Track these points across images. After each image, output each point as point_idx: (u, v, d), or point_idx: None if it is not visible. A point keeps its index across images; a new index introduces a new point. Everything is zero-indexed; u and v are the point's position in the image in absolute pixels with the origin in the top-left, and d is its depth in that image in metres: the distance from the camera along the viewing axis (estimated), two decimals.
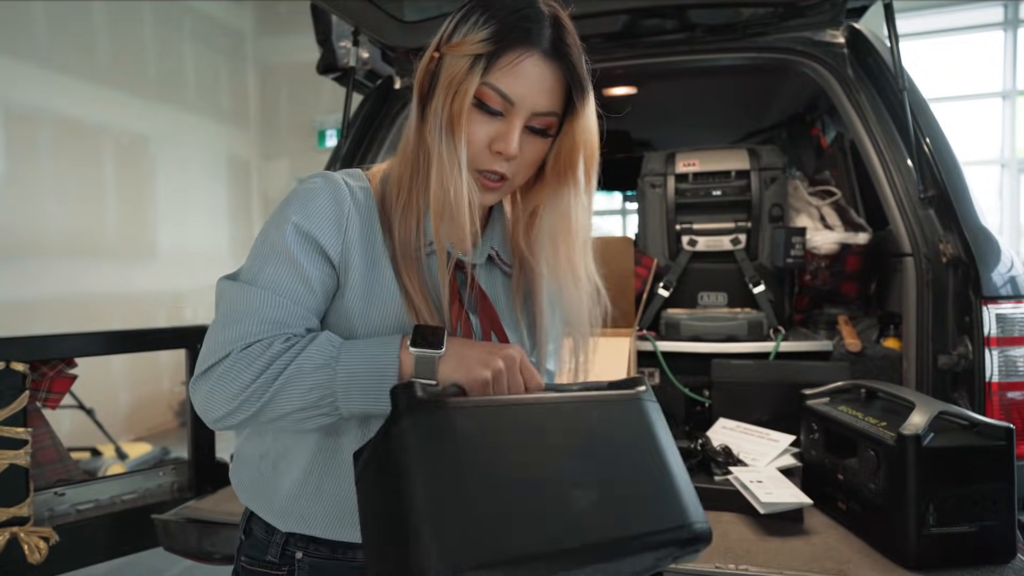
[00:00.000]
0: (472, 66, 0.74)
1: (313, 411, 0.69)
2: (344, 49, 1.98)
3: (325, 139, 6.51)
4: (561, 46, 0.75)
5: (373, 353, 0.70)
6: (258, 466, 0.84)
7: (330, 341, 0.71)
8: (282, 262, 0.74)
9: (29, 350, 1.38)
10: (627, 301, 1.65)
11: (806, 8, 1.78)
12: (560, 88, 0.77)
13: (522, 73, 0.74)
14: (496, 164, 0.77)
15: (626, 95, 2.59)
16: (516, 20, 0.74)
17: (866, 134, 1.67)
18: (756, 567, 1.02)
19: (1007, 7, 5.67)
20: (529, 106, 0.75)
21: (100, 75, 4.86)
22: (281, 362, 0.69)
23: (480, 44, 0.74)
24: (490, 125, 0.76)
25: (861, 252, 1.89)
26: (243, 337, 0.70)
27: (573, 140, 0.79)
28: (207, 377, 0.71)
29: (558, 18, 0.77)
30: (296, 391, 0.68)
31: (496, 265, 0.90)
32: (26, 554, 1.31)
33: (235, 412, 0.70)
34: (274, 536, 0.83)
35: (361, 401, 0.69)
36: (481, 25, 0.75)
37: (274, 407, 0.69)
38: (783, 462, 1.38)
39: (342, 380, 0.68)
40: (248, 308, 0.72)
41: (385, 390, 0.65)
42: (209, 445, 1.67)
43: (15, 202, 4.22)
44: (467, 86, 0.74)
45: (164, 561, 2.73)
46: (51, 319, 4.23)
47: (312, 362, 0.69)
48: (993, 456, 1.04)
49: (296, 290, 0.74)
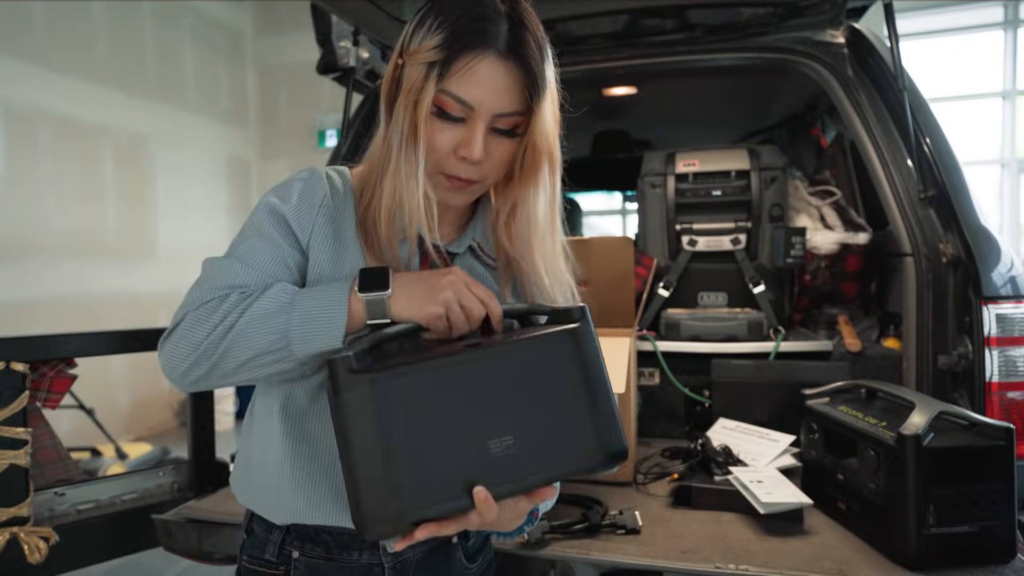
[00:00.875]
0: (427, 75, 0.73)
1: (269, 356, 0.70)
2: (344, 49, 1.97)
3: (325, 139, 6.51)
4: (517, 44, 0.73)
5: (325, 297, 0.71)
6: (248, 464, 0.86)
7: (284, 289, 0.73)
8: (254, 236, 0.78)
9: (29, 350, 1.38)
10: (627, 301, 1.65)
11: (806, 8, 1.78)
12: (522, 87, 0.75)
13: (478, 77, 0.73)
14: (463, 170, 0.77)
15: (626, 95, 2.59)
16: (467, 22, 0.73)
17: (866, 134, 1.67)
18: (756, 567, 1.02)
19: (1007, 7, 5.67)
20: (489, 109, 0.74)
21: (100, 75, 4.85)
22: (236, 312, 0.71)
23: (433, 51, 0.73)
24: (453, 131, 0.75)
25: (861, 252, 1.89)
26: (201, 297, 0.73)
27: (533, 141, 0.77)
28: (169, 338, 0.73)
29: (515, 15, 0.75)
30: (251, 337, 0.70)
31: (479, 258, 0.90)
32: (26, 554, 1.31)
33: (194, 366, 0.71)
34: (272, 534, 0.84)
35: (313, 343, 0.70)
36: (434, 31, 0.73)
37: (231, 356, 0.70)
38: (783, 462, 1.38)
39: (296, 323, 0.69)
40: (212, 273, 0.76)
41: (337, 333, 0.69)
42: (209, 445, 1.67)
43: (15, 202, 4.22)
44: (424, 95, 0.73)
45: (164, 561, 2.74)
46: (51, 319, 4.23)
47: (266, 308, 0.70)
48: (993, 456, 1.04)
49: (264, 261, 0.76)
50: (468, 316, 0.71)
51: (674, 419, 1.82)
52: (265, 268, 0.76)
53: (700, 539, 1.14)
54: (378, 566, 0.83)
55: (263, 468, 0.83)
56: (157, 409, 5.29)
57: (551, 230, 0.84)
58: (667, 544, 1.11)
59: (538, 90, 0.75)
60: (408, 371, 0.64)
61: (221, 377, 0.72)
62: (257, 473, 0.84)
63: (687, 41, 1.96)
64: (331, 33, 1.96)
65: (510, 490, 0.66)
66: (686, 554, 1.07)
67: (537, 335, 0.71)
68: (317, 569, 0.83)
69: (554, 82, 0.79)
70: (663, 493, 1.37)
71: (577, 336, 0.72)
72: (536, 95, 0.75)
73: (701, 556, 1.06)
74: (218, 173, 6.25)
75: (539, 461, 0.67)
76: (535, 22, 0.76)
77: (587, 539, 1.13)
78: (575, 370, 0.71)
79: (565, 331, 0.72)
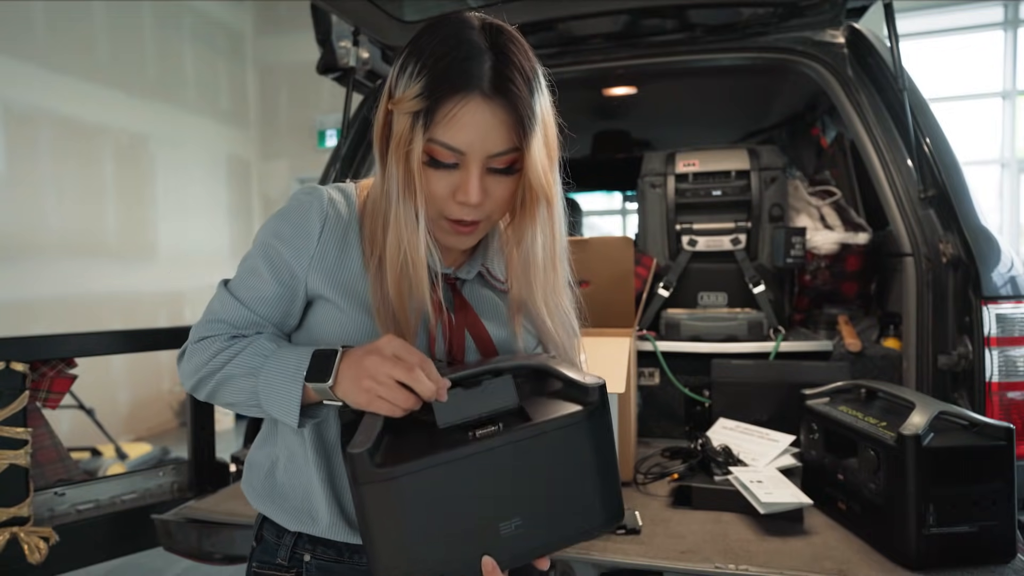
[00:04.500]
0: (413, 125, 0.71)
1: (245, 408, 0.79)
2: (344, 49, 1.97)
3: (325, 139, 6.50)
4: (502, 82, 0.70)
5: (285, 374, 0.74)
6: (271, 472, 0.87)
7: (259, 351, 0.77)
8: (250, 274, 0.81)
9: (29, 350, 1.38)
10: (627, 301, 1.65)
11: (806, 8, 1.78)
12: (512, 123, 0.71)
13: (464, 122, 0.70)
14: (464, 213, 0.74)
15: (626, 95, 2.59)
16: (447, 66, 0.69)
17: (866, 134, 1.67)
18: (756, 567, 1.02)
19: (1007, 7, 5.67)
20: (481, 152, 0.71)
21: (100, 75, 4.85)
22: (218, 360, 0.78)
23: (415, 101, 0.70)
24: (449, 177, 0.73)
25: (861, 252, 1.89)
26: (201, 331, 0.82)
27: (527, 180, 0.74)
28: (181, 357, 0.85)
29: (496, 48, 0.71)
30: (230, 390, 0.79)
31: (488, 283, 0.89)
32: (26, 554, 1.31)
33: (196, 388, 0.82)
34: (283, 538, 0.85)
35: (277, 414, 0.75)
36: (415, 78, 0.71)
37: (220, 397, 0.81)
38: (783, 462, 1.38)
39: (262, 390, 0.75)
40: (212, 308, 0.83)
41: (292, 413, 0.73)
42: (209, 445, 1.67)
43: (15, 202, 4.22)
44: (413, 147, 0.71)
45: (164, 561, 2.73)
46: (51, 319, 4.23)
47: (240, 369, 0.77)
48: (993, 456, 1.04)
49: (254, 300, 0.80)
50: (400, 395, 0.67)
51: (674, 419, 1.82)
52: (255, 308, 0.80)
53: (700, 539, 1.14)
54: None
55: (290, 477, 0.84)
56: (157, 409, 5.29)
57: (552, 268, 0.81)
58: (667, 544, 1.11)
59: (527, 127, 0.71)
60: (423, 467, 0.66)
61: (222, 404, 0.82)
62: (283, 481, 0.85)
63: (687, 41, 1.96)
64: (331, 33, 1.96)
65: (516, 562, 0.70)
66: (686, 554, 1.07)
67: (553, 422, 0.69)
68: (330, 570, 0.84)
69: (548, 112, 0.76)
70: (663, 493, 1.37)
71: (594, 423, 0.71)
72: (526, 133, 0.72)
73: (701, 556, 1.06)
74: (218, 173, 6.25)
75: (544, 534, 0.70)
76: (521, 51, 0.73)
77: None
78: (588, 454, 0.71)
79: (582, 420, 0.70)
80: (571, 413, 0.70)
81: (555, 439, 0.69)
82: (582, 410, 0.70)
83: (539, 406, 0.72)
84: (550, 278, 0.82)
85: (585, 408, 0.70)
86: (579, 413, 0.70)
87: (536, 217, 0.78)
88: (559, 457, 0.69)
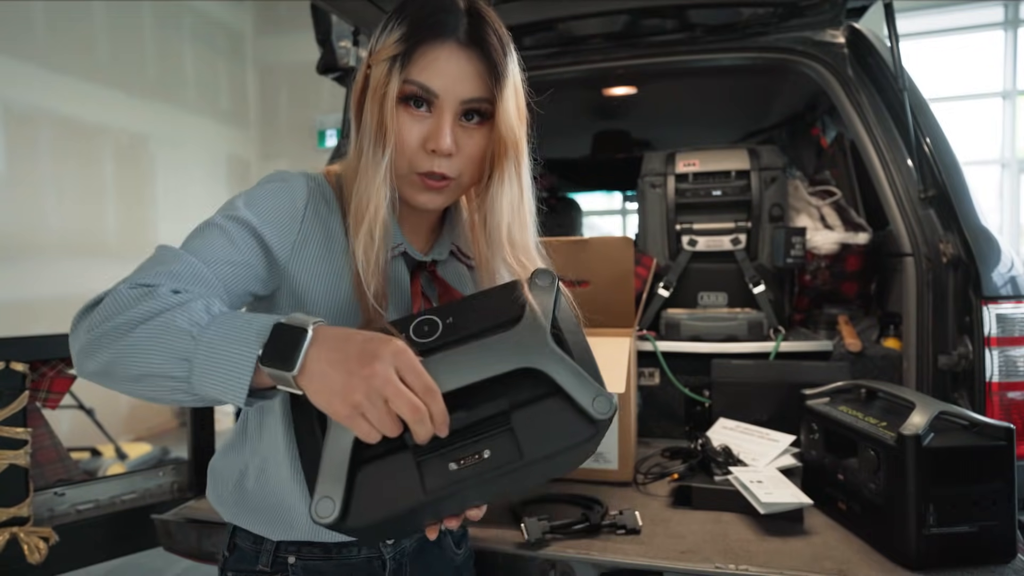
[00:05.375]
0: (390, 68, 0.73)
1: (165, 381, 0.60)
2: (344, 49, 1.98)
3: (325, 139, 6.51)
4: (476, 33, 0.74)
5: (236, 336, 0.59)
6: (239, 482, 0.83)
7: (207, 307, 0.62)
8: (215, 235, 0.71)
9: (29, 350, 1.38)
10: (627, 301, 1.64)
11: (806, 8, 1.78)
12: (485, 75, 0.74)
13: (439, 64, 0.73)
14: (435, 163, 0.74)
15: (626, 95, 2.59)
16: (426, 15, 0.74)
17: (866, 134, 1.67)
18: (756, 567, 1.02)
19: (1007, 7, 5.67)
20: (453, 96, 0.73)
21: (100, 75, 4.85)
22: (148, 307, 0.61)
23: (395, 45, 0.73)
24: (421, 124, 0.74)
25: (861, 252, 1.89)
26: (135, 277, 0.65)
27: (499, 131, 0.76)
28: (88, 308, 0.65)
29: (473, 7, 0.76)
30: (150, 352, 0.59)
31: (460, 260, 0.90)
32: (26, 554, 1.31)
33: (92, 346, 0.61)
34: (264, 544, 0.82)
35: (214, 389, 0.59)
36: (395, 28, 0.75)
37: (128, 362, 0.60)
38: (783, 462, 1.38)
39: (201, 357, 0.59)
40: (155, 260, 0.68)
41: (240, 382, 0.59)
42: (209, 445, 1.67)
43: (15, 202, 4.22)
44: (389, 88, 0.73)
45: (164, 561, 2.74)
46: (51, 319, 4.22)
47: (177, 324, 0.60)
48: (993, 456, 1.04)
49: (214, 258, 0.69)
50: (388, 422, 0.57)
51: (674, 419, 1.82)
52: (217, 268, 0.69)
53: (700, 539, 1.14)
54: (378, 559, 0.84)
55: (264, 486, 0.81)
56: (157, 409, 5.29)
57: (521, 227, 0.81)
58: (667, 544, 1.11)
59: (500, 78, 0.74)
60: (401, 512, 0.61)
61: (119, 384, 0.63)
62: (255, 491, 0.81)
63: (687, 41, 1.96)
64: (331, 33, 1.97)
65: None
66: (686, 554, 1.07)
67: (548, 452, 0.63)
68: (317, 570, 0.82)
69: (519, 79, 0.78)
70: (663, 493, 1.37)
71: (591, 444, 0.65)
72: (498, 82, 0.74)
73: (701, 556, 1.06)
74: (218, 173, 6.25)
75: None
76: (495, 19, 0.77)
77: (587, 539, 1.13)
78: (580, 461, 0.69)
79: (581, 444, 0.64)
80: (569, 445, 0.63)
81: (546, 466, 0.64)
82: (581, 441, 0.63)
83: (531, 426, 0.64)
84: (517, 237, 0.81)
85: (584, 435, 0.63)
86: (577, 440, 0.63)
87: (504, 171, 0.78)
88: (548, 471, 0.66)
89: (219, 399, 0.60)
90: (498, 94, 0.74)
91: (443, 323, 0.69)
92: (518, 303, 0.69)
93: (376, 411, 0.56)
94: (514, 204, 0.80)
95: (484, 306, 0.71)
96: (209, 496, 0.87)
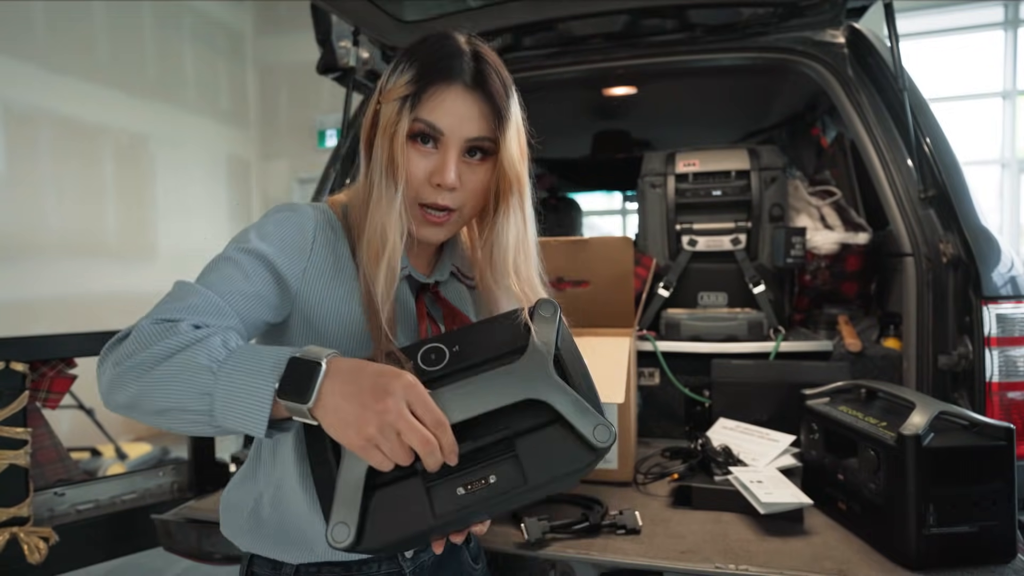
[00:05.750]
0: (401, 108, 0.78)
1: (188, 415, 0.64)
2: (344, 49, 1.97)
3: (325, 139, 6.51)
4: (480, 78, 0.79)
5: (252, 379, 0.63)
6: (255, 511, 0.84)
7: (224, 342, 0.65)
8: (227, 267, 0.74)
9: (29, 350, 1.38)
10: (627, 301, 1.64)
11: (806, 8, 1.78)
12: (489, 116, 0.80)
13: (446, 105, 0.78)
14: (439, 197, 0.79)
15: (626, 95, 2.59)
16: (435, 59, 0.79)
17: (866, 134, 1.67)
18: (756, 567, 1.02)
19: (1007, 7, 5.67)
20: (459, 135, 0.79)
21: (100, 75, 4.85)
22: (171, 343, 0.64)
23: (406, 86, 0.78)
24: (428, 159, 0.79)
25: (861, 252, 1.89)
26: (157, 312, 0.68)
27: (502, 169, 0.81)
28: (113, 346, 0.67)
29: (478, 52, 0.81)
30: (173, 387, 0.63)
31: (461, 281, 0.94)
32: (26, 554, 1.31)
33: (119, 381, 0.64)
34: (283, 569, 0.83)
35: (234, 422, 0.63)
36: (406, 70, 0.79)
37: (153, 397, 0.63)
38: (783, 462, 1.38)
39: (221, 392, 0.62)
40: (173, 296, 0.71)
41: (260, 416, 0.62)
42: (209, 445, 1.67)
43: (15, 202, 4.22)
44: (400, 126, 0.78)
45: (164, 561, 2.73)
46: (51, 319, 4.22)
47: (197, 361, 0.63)
48: (993, 456, 1.04)
49: (229, 291, 0.72)
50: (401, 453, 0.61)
51: (674, 419, 1.82)
52: (232, 301, 0.72)
53: (700, 539, 1.14)
54: (398, 574, 0.85)
55: (279, 512, 0.82)
56: None
57: (525, 258, 0.85)
58: (667, 544, 1.11)
59: (503, 120, 0.79)
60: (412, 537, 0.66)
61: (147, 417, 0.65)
62: (271, 518, 0.82)
63: (687, 41, 1.96)
64: (331, 33, 1.96)
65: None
66: (686, 554, 1.07)
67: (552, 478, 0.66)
68: None
69: (520, 119, 0.83)
70: (663, 493, 1.37)
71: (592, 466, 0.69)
72: (501, 123, 0.79)
73: (701, 556, 1.06)
74: (218, 173, 6.25)
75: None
76: (498, 63, 0.82)
77: (587, 539, 1.13)
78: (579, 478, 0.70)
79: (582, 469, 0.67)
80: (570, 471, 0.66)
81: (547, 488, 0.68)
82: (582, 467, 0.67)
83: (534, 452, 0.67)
84: (522, 267, 0.85)
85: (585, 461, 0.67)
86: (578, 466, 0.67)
87: (509, 206, 0.83)
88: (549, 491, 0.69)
89: (240, 430, 0.63)
90: (501, 134, 0.80)
91: (449, 351, 0.72)
92: (522, 333, 0.72)
93: (389, 443, 0.61)
94: (519, 236, 0.85)
95: (489, 335, 0.75)
96: (225, 530, 0.87)
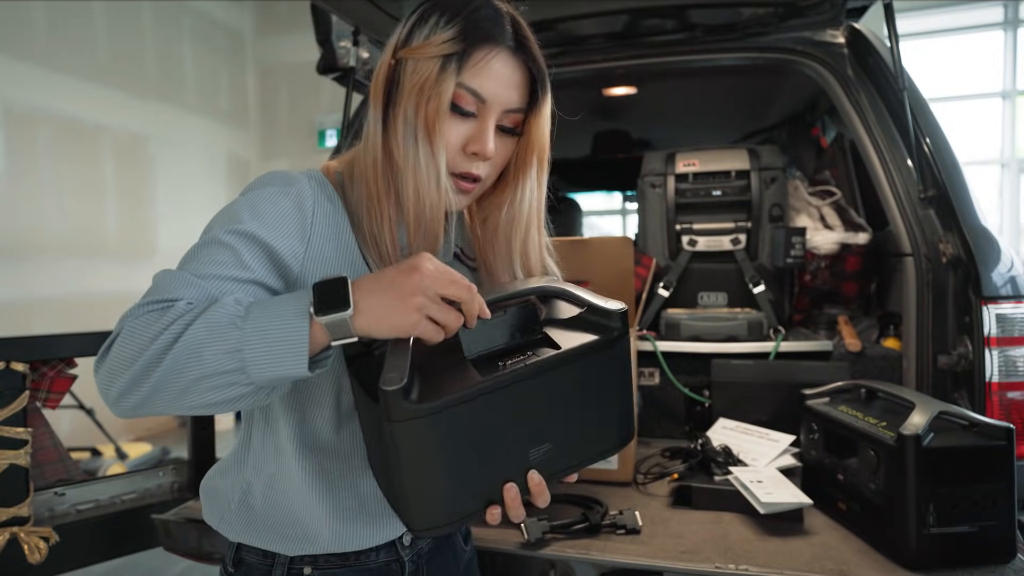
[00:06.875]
0: (443, 67, 0.71)
1: (219, 379, 0.59)
2: (344, 49, 1.97)
3: (325, 139, 6.51)
4: (523, 41, 0.75)
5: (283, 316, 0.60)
6: (244, 500, 0.81)
7: (236, 300, 0.61)
8: (223, 254, 0.67)
9: (29, 350, 1.38)
10: (627, 301, 1.64)
11: (806, 8, 1.78)
12: (526, 84, 0.77)
13: (493, 71, 0.73)
14: (472, 166, 0.76)
15: (626, 95, 2.59)
16: (479, 18, 0.73)
17: (866, 134, 1.67)
18: (756, 567, 1.02)
19: (1007, 7, 5.67)
20: (500, 104, 0.75)
21: (100, 75, 4.85)
22: (182, 321, 0.59)
23: (448, 44, 0.71)
24: (464, 126, 0.74)
25: (861, 252, 1.89)
26: (142, 305, 0.62)
27: (531, 138, 0.78)
28: (106, 351, 0.62)
29: (514, 15, 0.77)
30: (199, 353, 0.58)
31: (463, 262, 0.91)
32: (26, 554, 1.31)
33: (134, 384, 0.59)
34: (276, 558, 0.81)
35: (273, 370, 0.59)
36: (444, 25, 0.72)
37: (176, 375, 0.58)
38: (783, 462, 1.38)
39: (251, 343, 0.58)
40: (159, 284, 0.65)
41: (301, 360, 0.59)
42: (209, 445, 1.67)
43: (15, 202, 4.22)
44: (441, 88, 0.71)
45: (164, 561, 2.74)
46: (51, 319, 4.23)
47: (216, 320, 0.59)
48: (993, 456, 1.04)
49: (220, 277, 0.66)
50: (450, 314, 0.62)
51: (674, 419, 1.82)
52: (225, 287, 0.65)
53: (700, 539, 1.14)
54: (396, 562, 0.84)
55: (273, 504, 0.79)
56: None
57: (537, 228, 0.84)
58: (667, 544, 1.11)
59: (545, 84, 0.77)
60: (460, 401, 0.63)
61: (165, 403, 0.60)
62: (264, 509, 0.80)
63: (687, 41, 1.96)
64: (331, 33, 1.96)
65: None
66: (686, 554, 1.07)
67: (581, 349, 0.69)
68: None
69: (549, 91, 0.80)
70: (663, 493, 1.37)
71: (619, 349, 0.72)
72: (543, 89, 0.77)
73: (701, 556, 1.06)
74: (218, 173, 6.25)
75: (568, 457, 0.71)
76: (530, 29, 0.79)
77: (587, 539, 1.13)
78: (613, 379, 0.73)
79: (609, 346, 0.70)
80: (598, 340, 0.70)
81: (583, 366, 0.69)
82: (608, 337, 0.70)
83: (562, 333, 0.71)
84: (533, 238, 0.83)
85: (610, 334, 0.70)
86: (605, 340, 0.70)
87: (529, 175, 0.80)
88: (586, 383, 0.70)
89: (280, 376, 0.60)
90: (542, 99, 0.77)
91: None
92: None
93: (438, 306, 0.61)
94: (533, 205, 0.83)
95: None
96: (208, 518, 0.84)
